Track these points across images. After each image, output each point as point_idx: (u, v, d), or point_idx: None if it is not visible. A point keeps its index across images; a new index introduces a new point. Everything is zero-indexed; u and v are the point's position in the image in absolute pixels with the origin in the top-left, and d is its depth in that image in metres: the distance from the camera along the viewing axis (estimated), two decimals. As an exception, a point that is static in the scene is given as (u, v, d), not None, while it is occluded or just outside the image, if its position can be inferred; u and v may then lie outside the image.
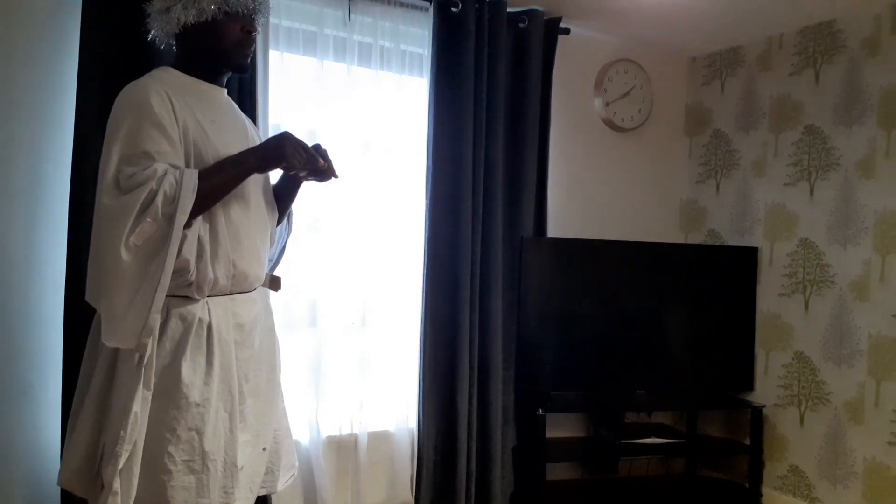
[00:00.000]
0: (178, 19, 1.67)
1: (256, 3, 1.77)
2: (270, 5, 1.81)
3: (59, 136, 2.27)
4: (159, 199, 1.54)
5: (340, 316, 2.85)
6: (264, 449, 1.85)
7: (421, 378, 2.90)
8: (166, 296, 1.60)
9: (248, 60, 1.83)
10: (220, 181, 1.65)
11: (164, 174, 1.56)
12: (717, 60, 3.70)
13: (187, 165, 1.65)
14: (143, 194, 1.53)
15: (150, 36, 1.76)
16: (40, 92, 2.27)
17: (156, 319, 1.57)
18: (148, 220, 1.54)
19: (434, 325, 2.91)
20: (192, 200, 1.58)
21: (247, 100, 2.44)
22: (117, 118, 1.63)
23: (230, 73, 1.83)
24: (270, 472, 1.92)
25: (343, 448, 2.86)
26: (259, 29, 1.83)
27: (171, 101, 1.63)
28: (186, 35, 1.71)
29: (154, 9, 1.73)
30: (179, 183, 1.57)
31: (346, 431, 2.86)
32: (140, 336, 1.55)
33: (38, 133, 2.27)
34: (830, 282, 3.13)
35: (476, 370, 2.99)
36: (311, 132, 2.76)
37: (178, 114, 1.64)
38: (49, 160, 2.28)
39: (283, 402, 2.01)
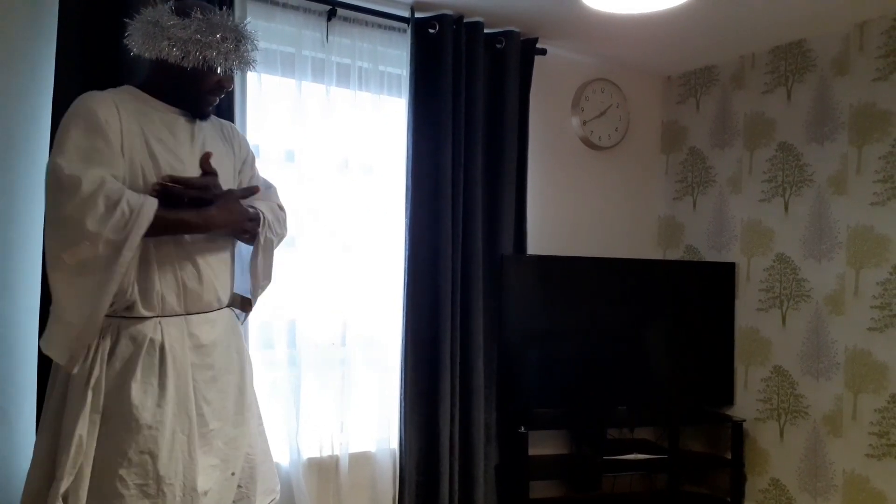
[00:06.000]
0: (161, 51, 1.66)
1: (242, 63, 1.77)
2: (248, 30, 1.81)
3: (34, 156, 2.26)
4: (108, 225, 1.50)
5: (320, 335, 2.83)
6: (233, 473, 1.81)
7: (402, 397, 2.89)
8: (117, 317, 1.60)
9: (210, 108, 1.83)
10: (176, 224, 1.65)
11: (121, 196, 1.53)
12: (692, 79, 3.76)
13: (125, 177, 1.63)
14: (86, 208, 1.50)
15: (128, 47, 1.73)
16: (14, 110, 2.24)
17: (80, 351, 1.56)
18: (86, 242, 1.50)
19: (415, 343, 2.91)
20: (142, 235, 1.56)
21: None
22: (63, 123, 1.63)
23: None
24: (245, 498, 1.87)
25: (324, 470, 2.84)
26: (234, 85, 1.84)
27: (118, 111, 1.63)
28: (162, 65, 1.70)
29: (138, 29, 1.70)
30: (136, 213, 1.54)
31: (326, 453, 2.83)
32: (67, 361, 1.56)
33: (13, 153, 2.24)
34: (806, 296, 3.17)
35: (458, 388, 2.98)
36: (290, 152, 2.77)
37: (123, 124, 1.63)
38: (23, 183, 2.25)
39: (259, 424, 1.97)
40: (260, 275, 1.90)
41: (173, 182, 1.65)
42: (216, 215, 1.71)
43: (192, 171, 1.74)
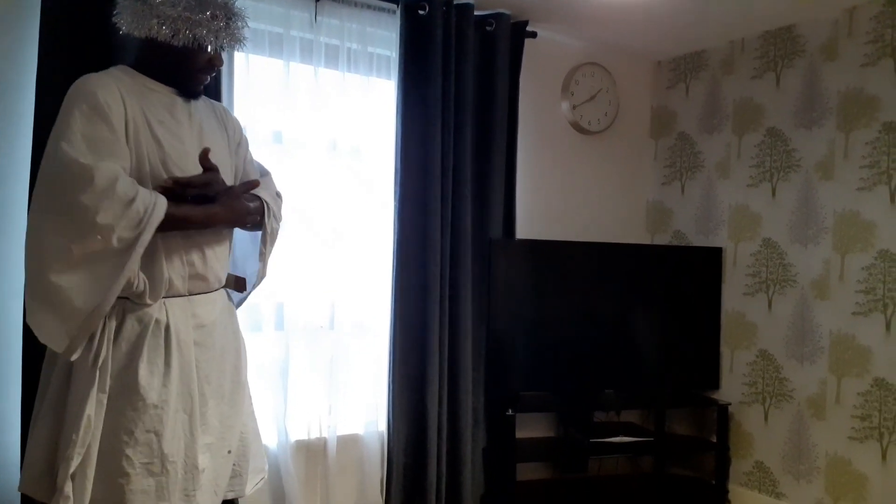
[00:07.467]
0: (150, 29, 1.64)
1: (232, 41, 1.75)
2: (238, 7, 1.78)
3: (16, 140, 2.23)
4: (122, 222, 1.50)
5: (308, 318, 2.83)
6: (229, 451, 1.83)
7: (390, 380, 2.90)
8: (121, 297, 1.59)
9: (202, 87, 1.81)
10: (182, 221, 1.65)
11: (135, 194, 1.52)
12: (682, 64, 3.76)
13: (132, 165, 1.62)
14: (100, 203, 1.48)
15: (116, 26, 1.70)
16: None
17: (82, 339, 1.55)
18: (98, 236, 1.50)
19: (403, 326, 2.91)
20: (153, 232, 1.56)
21: (211, 101, 2.41)
22: (65, 107, 1.59)
23: None
24: (238, 476, 1.90)
25: (312, 452, 2.84)
26: (224, 62, 1.82)
27: (121, 94, 1.61)
28: (152, 43, 1.68)
29: (127, 7, 1.67)
30: (150, 212, 1.53)
31: (314, 435, 2.84)
32: (66, 349, 1.54)
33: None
34: (792, 281, 3.19)
35: (446, 372, 2.99)
36: (278, 133, 2.75)
37: (127, 108, 1.61)
38: (5, 167, 2.23)
39: (250, 404, 1.99)
40: (267, 261, 1.94)
41: (176, 183, 1.65)
42: (219, 213, 1.72)
43: (194, 151, 1.73)
